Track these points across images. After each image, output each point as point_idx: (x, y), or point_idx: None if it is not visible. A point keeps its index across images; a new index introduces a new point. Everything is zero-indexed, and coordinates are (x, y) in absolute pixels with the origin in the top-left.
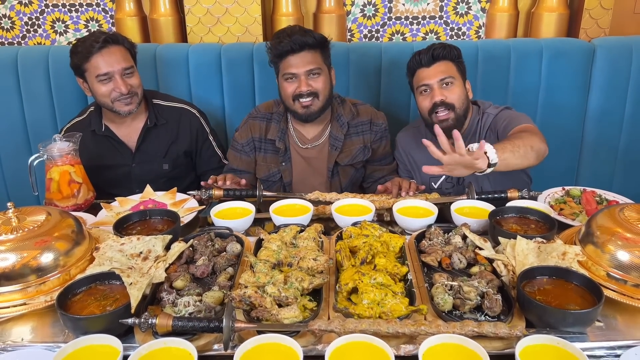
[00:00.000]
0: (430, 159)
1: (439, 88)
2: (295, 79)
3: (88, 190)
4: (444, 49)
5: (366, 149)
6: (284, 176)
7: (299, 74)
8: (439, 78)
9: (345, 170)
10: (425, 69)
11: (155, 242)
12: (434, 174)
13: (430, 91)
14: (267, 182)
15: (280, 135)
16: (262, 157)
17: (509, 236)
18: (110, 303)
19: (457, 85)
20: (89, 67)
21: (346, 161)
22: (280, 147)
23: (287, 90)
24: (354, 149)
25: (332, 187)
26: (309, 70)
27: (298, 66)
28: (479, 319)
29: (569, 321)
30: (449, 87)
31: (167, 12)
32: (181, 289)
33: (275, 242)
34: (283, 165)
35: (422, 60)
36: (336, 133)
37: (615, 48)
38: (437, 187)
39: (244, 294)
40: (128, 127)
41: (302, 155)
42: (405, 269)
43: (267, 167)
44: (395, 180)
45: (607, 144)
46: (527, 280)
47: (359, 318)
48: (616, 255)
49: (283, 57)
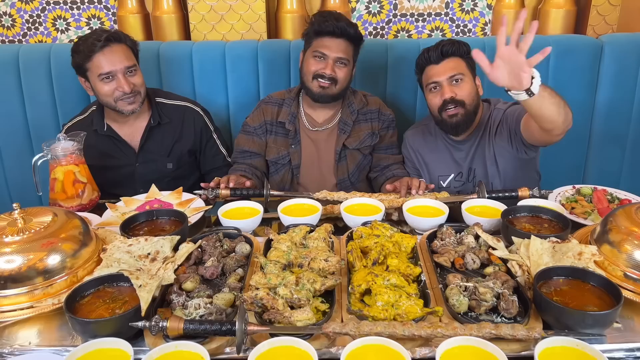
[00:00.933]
0: (440, 157)
1: (448, 85)
2: (323, 60)
3: (93, 190)
4: (453, 45)
5: (374, 135)
6: (293, 159)
7: (329, 57)
8: (448, 75)
9: (353, 155)
10: (434, 66)
11: (163, 243)
12: (479, 62)
13: (439, 88)
14: (276, 165)
15: (291, 118)
16: (273, 139)
17: (522, 236)
18: (119, 306)
19: (467, 82)
20: (91, 66)
21: (354, 145)
22: (290, 129)
23: (311, 66)
24: (362, 134)
25: (339, 171)
26: (339, 57)
27: (331, 49)
28: (495, 320)
29: (588, 323)
30: (458, 84)
31: (170, 10)
32: (191, 291)
33: (285, 243)
34: (292, 148)
35: (431, 57)
36: (346, 118)
37: (623, 45)
38: (446, 185)
39: (256, 296)
40: (131, 127)
41: (312, 137)
42: (418, 270)
43: (277, 150)
44: (404, 179)
45: (615, 140)
46: (543, 281)
47: (373, 320)
48: (633, 255)
49: (321, 35)
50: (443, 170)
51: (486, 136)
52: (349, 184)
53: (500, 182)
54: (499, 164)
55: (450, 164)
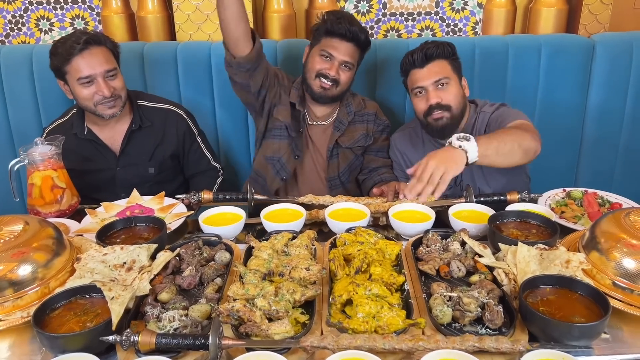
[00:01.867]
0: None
1: (434, 90)
2: (329, 60)
3: (72, 195)
4: (438, 48)
5: (368, 136)
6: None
7: (335, 58)
8: (433, 79)
9: (345, 154)
10: (418, 70)
11: (140, 252)
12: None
13: (425, 93)
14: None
15: (300, 101)
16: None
17: (509, 242)
18: (90, 319)
19: (453, 85)
20: (69, 70)
21: (347, 144)
22: (300, 110)
23: (315, 64)
24: (357, 134)
25: (330, 168)
26: (345, 61)
27: (339, 51)
28: (480, 331)
29: (575, 334)
30: (444, 88)
31: (155, 10)
32: (166, 302)
33: (266, 251)
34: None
35: (415, 60)
36: (342, 117)
37: (616, 44)
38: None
39: (232, 308)
40: (112, 130)
41: (308, 131)
42: (402, 279)
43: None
44: (392, 184)
45: (608, 141)
46: (529, 290)
47: (353, 333)
48: (622, 263)
49: (331, 35)
50: None
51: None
52: (339, 182)
53: (488, 186)
54: (484, 168)
55: None
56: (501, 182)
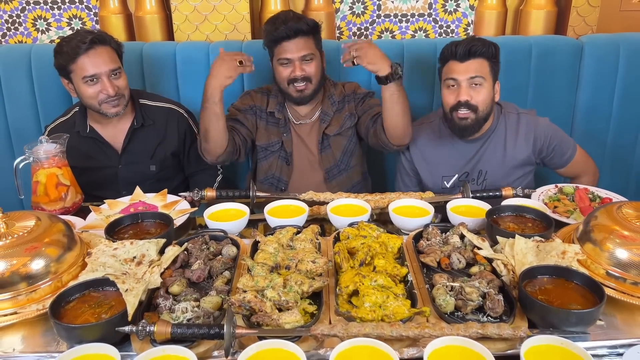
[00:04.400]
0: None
1: (467, 87)
2: (289, 64)
3: (76, 192)
4: (483, 46)
5: (352, 115)
6: (286, 146)
7: (293, 59)
8: (469, 76)
9: (337, 141)
10: (458, 62)
11: (149, 247)
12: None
13: (457, 87)
14: (266, 152)
15: (279, 107)
16: (264, 126)
17: (507, 235)
18: (105, 310)
19: (486, 87)
20: (75, 69)
21: (335, 131)
22: (280, 118)
23: (281, 74)
24: (341, 119)
25: (324, 160)
26: (303, 56)
27: (292, 52)
28: (481, 320)
29: (572, 321)
30: (477, 88)
31: (153, 10)
32: (178, 295)
33: (272, 245)
34: (285, 136)
35: (458, 52)
36: (327, 109)
37: (603, 45)
38: (450, 185)
39: (244, 299)
40: (114, 128)
41: (297, 130)
42: (405, 270)
43: (268, 136)
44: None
45: (596, 140)
46: (528, 280)
47: (361, 321)
48: (615, 253)
49: (278, 42)
50: (447, 170)
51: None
52: (338, 171)
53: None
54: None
55: (455, 164)
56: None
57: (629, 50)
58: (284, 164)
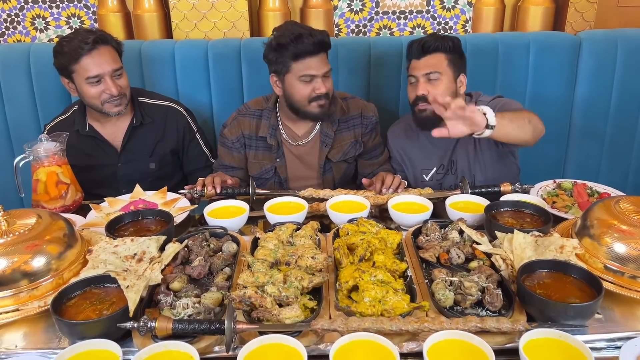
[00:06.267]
0: (422, 151)
1: (424, 82)
2: (312, 81)
3: (76, 191)
4: (436, 41)
5: (357, 143)
6: (280, 172)
7: (317, 76)
8: (424, 72)
9: (339, 166)
10: (415, 60)
11: (149, 244)
12: (439, 136)
13: (416, 83)
14: (260, 180)
15: (272, 132)
16: (254, 154)
17: (505, 230)
18: (106, 307)
19: (443, 81)
20: (77, 69)
21: (338, 157)
22: (272, 144)
23: (303, 92)
24: (345, 145)
25: (325, 183)
26: (324, 73)
27: (318, 68)
28: (481, 314)
29: (570, 314)
30: (434, 83)
31: (151, 8)
32: (178, 291)
33: (272, 241)
34: (278, 162)
35: (413, 51)
36: (326, 129)
37: (601, 41)
38: (429, 178)
39: (244, 295)
40: (113, 126)
41: (294, 152)
42: (404, 266)
43: (260, 165)
44: (380, 174)
45: (594, 135)
46: (526, 275)
47: (361, 316)
48: (613, 248)
49: (301, 57)
50: (425, 164)
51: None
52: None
53: (481, 173)
54: (480, 156)
55: (433, 158)
56: (494, 171)
57: (626, 46)
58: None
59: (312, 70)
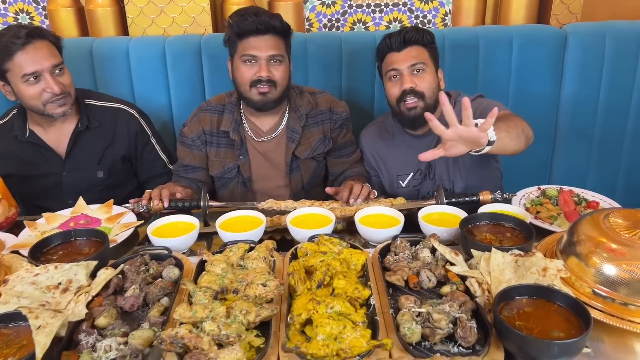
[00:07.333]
0: (398, 155)
1: (409, 74)
2: (255, 63)
3: (9, 206)
4: (417, 33)
5: (326, 139)
6: (243, 171)
7: (260, 57)
8: (409, 63)
9: (307, 164)
10: (395, 53)
11: (77, 270)
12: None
13: (399, 77)
14: (222, 180)
15: (235, 126)
16: (215, 151)
17: (482, 248)
18: (14, 352)
19: (429, 73)
20: (11, 67)
21: (306, 154)
22: (235, 139)
23: (244, 74)
24: (313, 141)
25: (292, 182)
26: (272, 56)
27: (261, 49)
28: (452, 350)
29: (554, 352)
30: (419, 74)
31: (105, 3)
32: (104, 328)
33: (220, 265)
34: (241, 159)
35: (393, 43)
36: (293, 125)
37: (588, 34)
38: (405, 184)
39: (176, 335)
40: (57, 131)
41: (258, 149)
42: (367, 292)
43: (221, 163)
44: (348, 183)
45: (582, 135)
46: (504, 303)
47: (312, 358)
48: (602, 270)
49: (244, 36)
50: (402, 169)
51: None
52: (304, 194)
53: (461, 180)
54: (460, 161)
55: (409, 162)
56: (475, 177)
57: (615, 39)
58: (245, 190)
59: (254, 50)
